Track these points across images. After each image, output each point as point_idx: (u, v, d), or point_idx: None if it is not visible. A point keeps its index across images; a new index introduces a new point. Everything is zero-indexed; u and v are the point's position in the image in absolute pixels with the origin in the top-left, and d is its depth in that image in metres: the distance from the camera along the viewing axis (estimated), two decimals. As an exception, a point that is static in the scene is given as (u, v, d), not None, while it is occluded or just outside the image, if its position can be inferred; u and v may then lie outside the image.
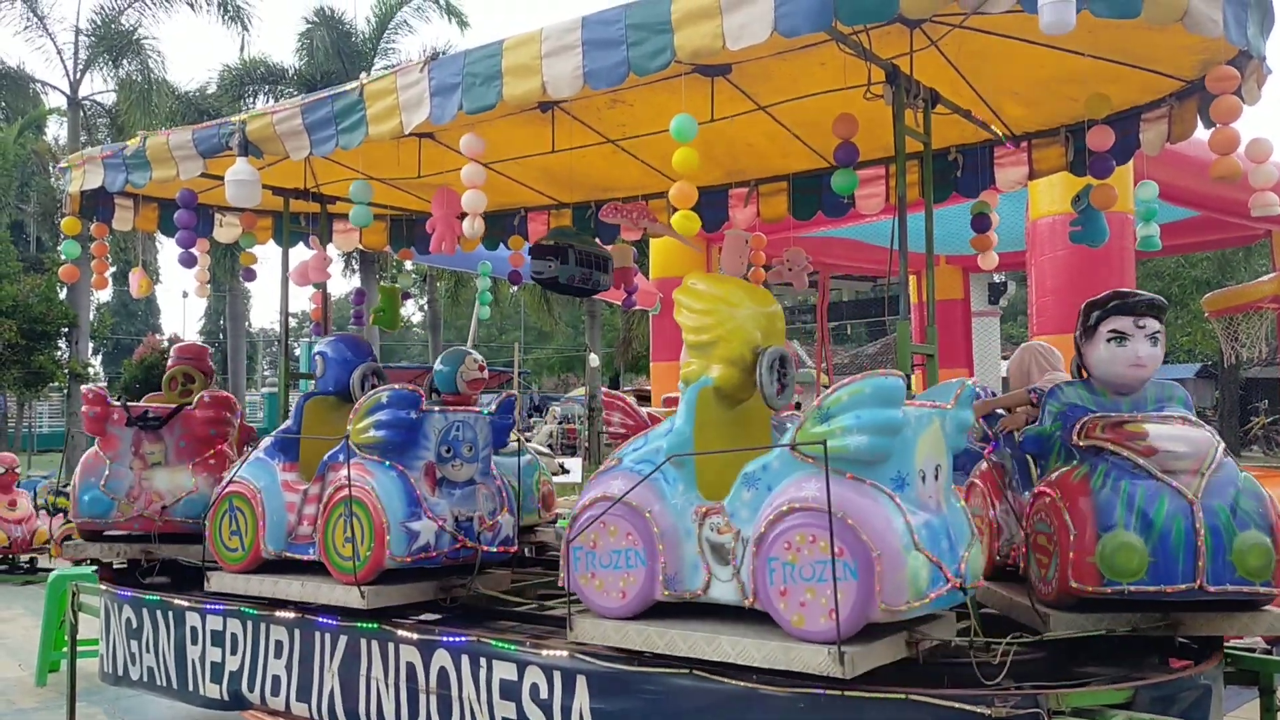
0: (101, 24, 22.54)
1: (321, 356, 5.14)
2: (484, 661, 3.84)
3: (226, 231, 6.33)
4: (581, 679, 3.57)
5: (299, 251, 6.39)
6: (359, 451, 4.34)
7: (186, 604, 4.92)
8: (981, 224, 5.22)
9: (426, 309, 36.75)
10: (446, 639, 3.98)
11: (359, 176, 5.02)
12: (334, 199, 6.00)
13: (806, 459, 3.19)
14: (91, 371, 25.02)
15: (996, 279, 14.24)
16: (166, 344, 28.11)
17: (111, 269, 6.27)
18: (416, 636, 4.08)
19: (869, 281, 18.59)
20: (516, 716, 3.73)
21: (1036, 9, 2.82)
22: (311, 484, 4.59)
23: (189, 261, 5.66)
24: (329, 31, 24.96)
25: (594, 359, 21.17)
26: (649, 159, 5.32)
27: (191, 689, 4.87)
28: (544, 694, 3.66)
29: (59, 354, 22.24)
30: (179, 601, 4.95)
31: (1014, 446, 3.95)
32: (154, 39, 29.55)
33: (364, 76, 4.16)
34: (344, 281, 31.43)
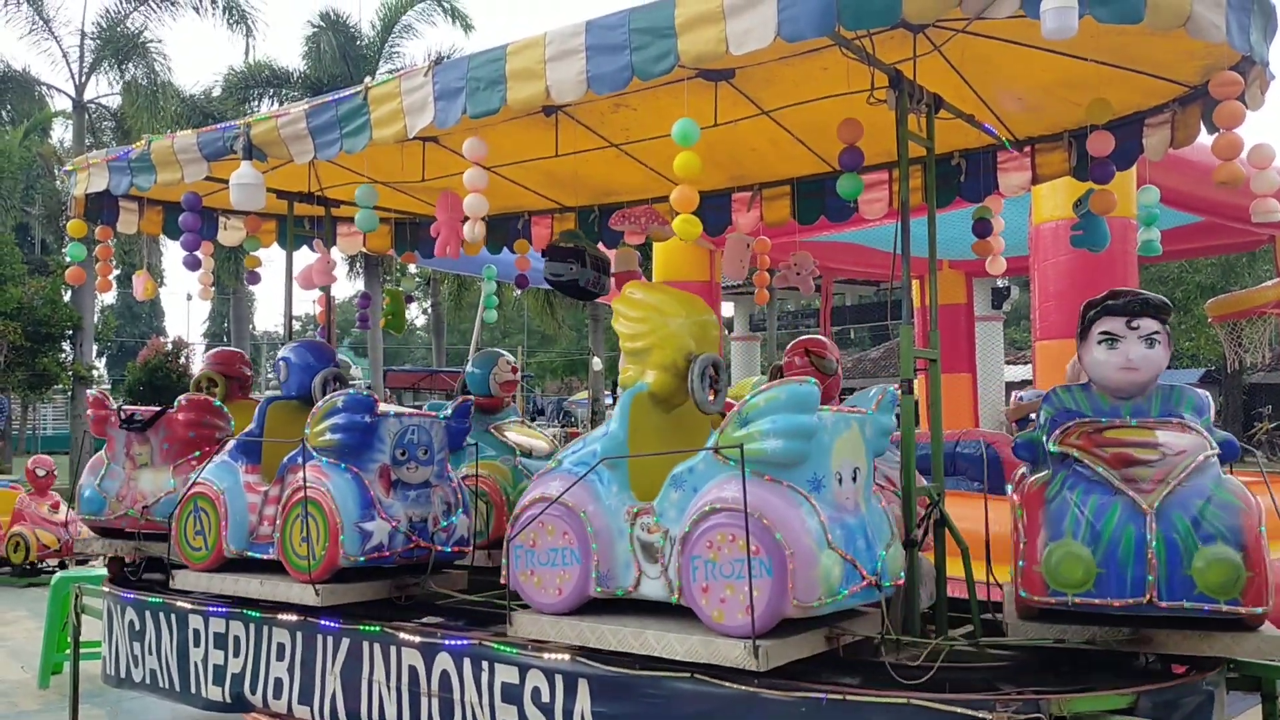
0: (107, 27, 22.61)
1: (285, 362, 5.27)
2: (486, 665, 3.84)
3: (231, 235, 6.34)
4: (583, 682, 3.57)
5: (303, 255, 6.41)
6: (316, 454, 4.46)
7: (189, 606, 4.93)
8: (983, 229, 5.22)
9: (430, 312, 36.79)
10: (449, 642, 3.98)
11: (363, 180, 5.03)
12: (338, 202, 6.01)
13: (728, 462, 3.33)
14: (95, 374, 25.09)
15: (1000, 284, 14.24)
16: (170, 346, 28.15)
17: (116, 272, 6.31)
18: (419, 639, 4.08)
19: (872, 286, 18.61)
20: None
21: (1039, 14, 2.83)
22: (272, 485, 4.74)
23: (193, 264, 5.68)
24: (334, 35, 25.02)
25: (597, 362, 21.18)
26: (652, 163, 5.33)
27: (194, 691, 4.88)
28: (546, 697, 3.66)
29: (63, 356, 22.30)
30: (182, 604, 4.96)
31: None
32: (159, 42, 29.67)
33: (368, 80, 4.17)
34: (348, 285, 31.48)
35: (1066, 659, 3.39)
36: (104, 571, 6.11)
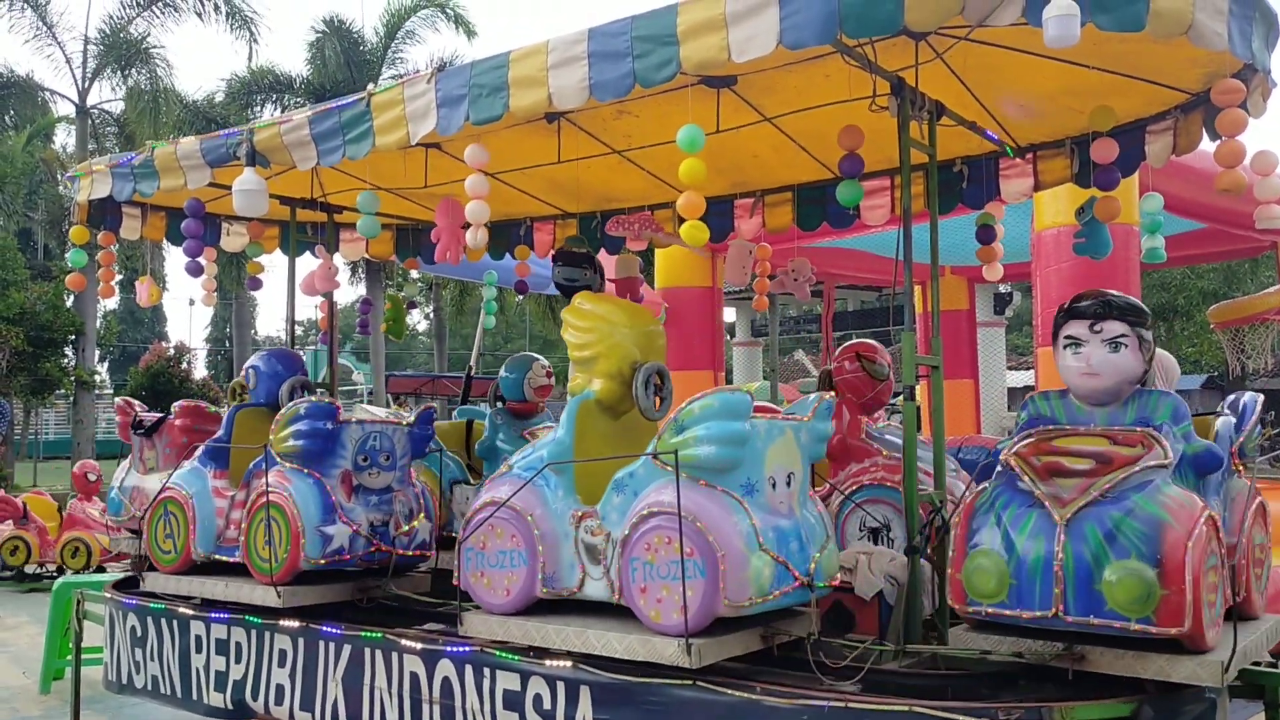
0: (110, 33, 22.68)
1: (254, 370, 5.42)
2: (488, 672, 3.84)
3: (233, 240, 6.34)
4: (585, 689, 3.57)
5: (306, 261, 6.41)
6: (280, 460, 4.59)
7: (191, 613, 4.93)
8: (986, 235, 5.22)
9: (432, 318, 36.80)
10: (450, 649, 3.98)
11: (365, 186, 5.03)
12: (341, 208, 6.02)
13: (666, 467, 3.45)
14: (98, 379, 25.12)
15: (1002, 289, 14.22)
16: (172, 352, 28.19)
17: (119, 277, 6.34)
18: (420, 646, 4.08)
19: (874, 291, 18.59)
20: (520, 727, 3.75)
21: (1041, 22, 2.83)
22: (238, 490, 4.88)
23: (196, 270, 5.69)
24: (338, 41, 25.03)
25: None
26: (654, 169, 5.33)
27: (195, 698, 4.88)
28: (547, 704, 3.66)
29: (65, 361, 22.31)
30: (183, 610, 4.96)
31: None
32: (162, 48, 29.70)
33: (371, 87, 4.19)
34: (350, 290, 31.50)
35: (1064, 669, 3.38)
36: (106, 576, 6.17)
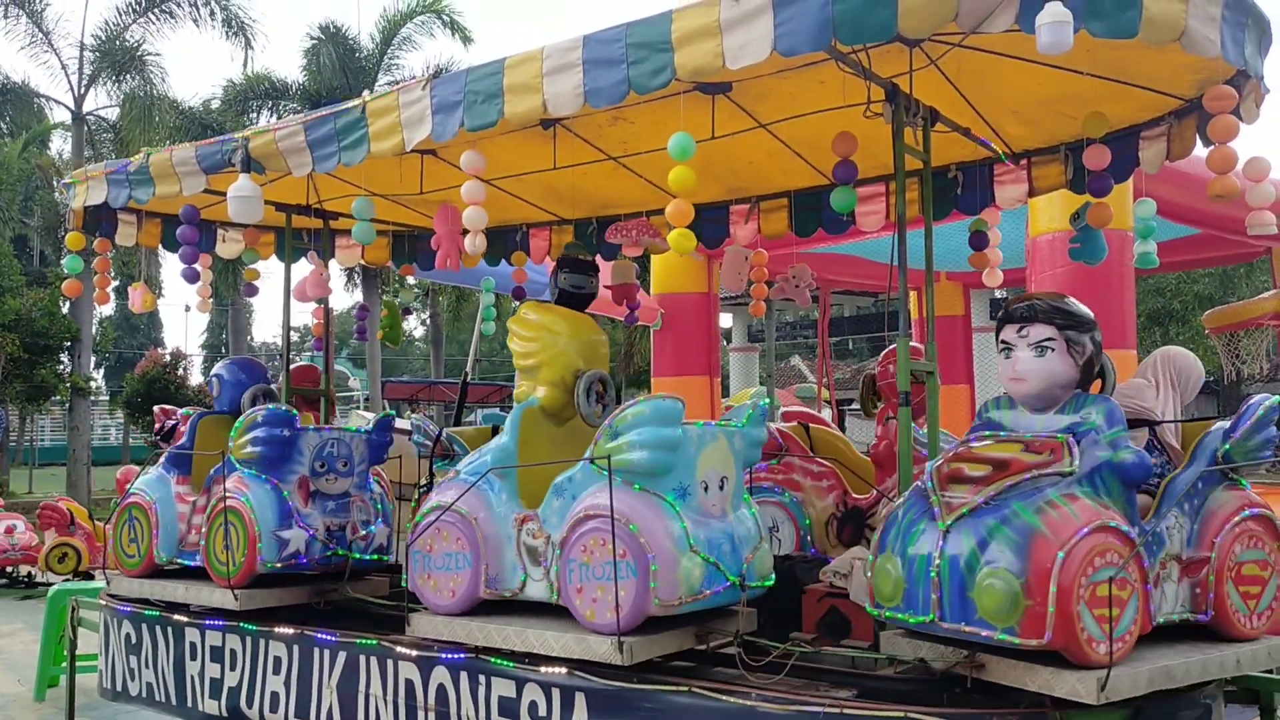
0: (106, 39, 22.64)
1: (217, 378, 5.56)
2: (483, 679, 3.84)
3: (229, 247, 6.34)
4: (580, 696, 3.58)
5: (301, 267, 6.41)
6: (239, 466, 4.71)
7: (185, 620, 4.93)
8: (979, 241, 5.23)
9: (429, 324, 36.78)
10: (445, 656, 3.98)
11: (361, 193, 5.04)
12: (336, 215, 6.01)
13: (602, 471, 3.57)
14: (94, 385, 25.05)
15: (998, 295, 14.24)
16: (168, 358, 28.12)
17: (114, 283, 6.32)
18: (415, 653, 4.07)
19: (870, 297, 18.62)
20: (515, 733, 3.75)
21: (1035, 29, 2.84)
22: (200, 496, 5.00)
23: (191, 277, 5.68)
24: (334, 47, 25.02)
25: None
26: (651, 175, 5.34)
27: (190, 705, 4.87)
28: (543, 711, 3.66)
29: (61, 368, 22.27)
30: (178, 617, 4.96)
31: None
32: (158, 55, 29.69)
33: (366, 94, 4.19)
34: (346, 296, 31.47)
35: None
36: (101, 584, 6.13)
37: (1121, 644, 2.96)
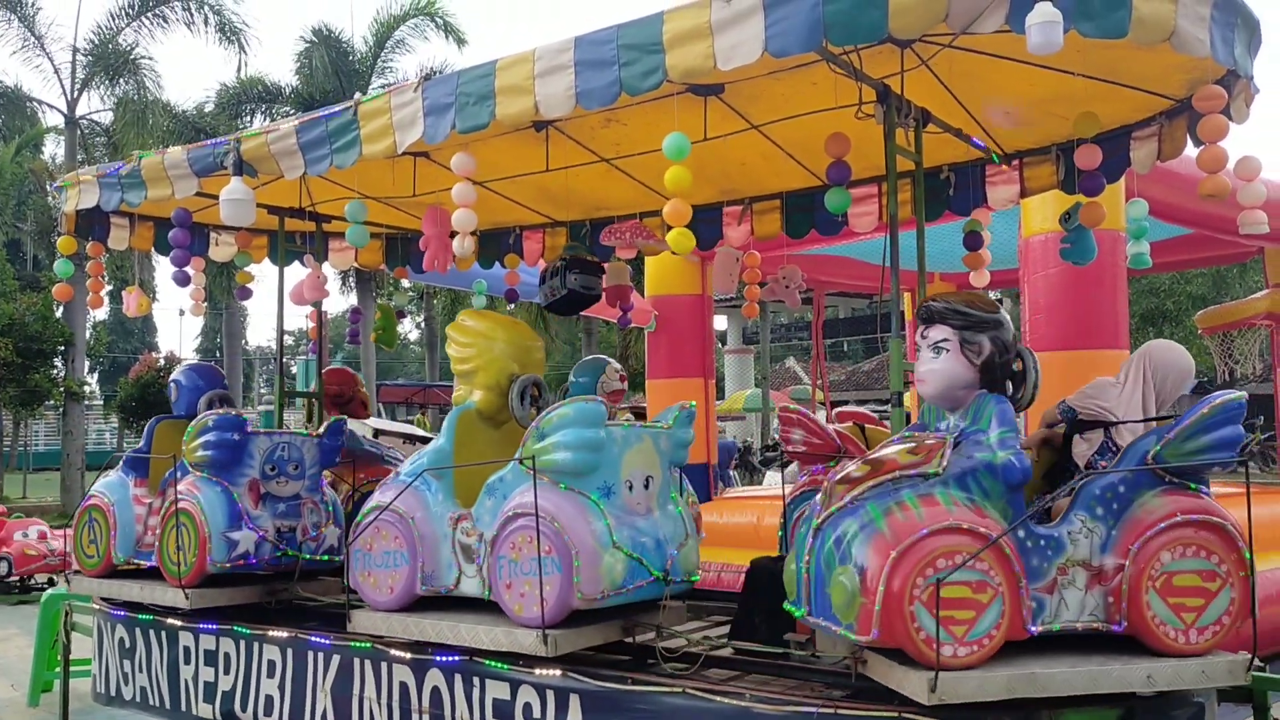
0: (99, 44, 22.58)
1: (176, 384, 5.67)
2: (477, 681, 3.84)
3: (222, 250, 6.33)
4: (575, 698, 3.58)
5: (295, 270, 6.41)
6: (191, 469, 4.84)
7: (179, 624, 4.92)
8: (974, 242, 5.24)
9: (423, 326, 36.75)
10: (440, 658, 3.97)
11: (354, 195, 5.03)
12: (329, 217, 6.01)
13: (530, 472, 3.69)
14: (88, 390, 25.01)
15: (991, 296, 14.26)
16: (162, 362, 28.05)
17: (108, 287, 6.31)
18: (409, 656, 4.07)
19: (865, 299, 18.64)
20: (509, 736, 3.75)
21: (1025, 29, 2.84)
22: (155, 498, 5.13)
23: (183, 280, 5.68)
24: (327, 50, 24.97)
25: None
26: (643, 177, 5.34)
27: (184, 709, 4.87)
28: (537, 713, 3.66)
29: (55, 372, 22.20)
30: (172, 621, 4.95)
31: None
32: (151, 59, 29.56)
33: (358, 96, 4.18)
34: (340, 299, 31.45)
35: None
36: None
37: (977, 646, 2.93)
